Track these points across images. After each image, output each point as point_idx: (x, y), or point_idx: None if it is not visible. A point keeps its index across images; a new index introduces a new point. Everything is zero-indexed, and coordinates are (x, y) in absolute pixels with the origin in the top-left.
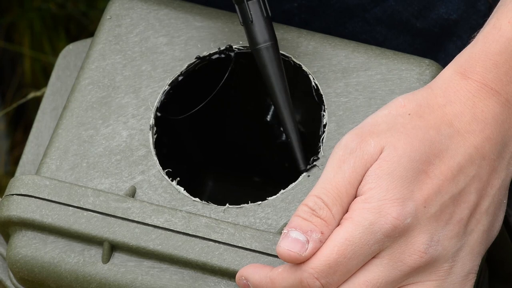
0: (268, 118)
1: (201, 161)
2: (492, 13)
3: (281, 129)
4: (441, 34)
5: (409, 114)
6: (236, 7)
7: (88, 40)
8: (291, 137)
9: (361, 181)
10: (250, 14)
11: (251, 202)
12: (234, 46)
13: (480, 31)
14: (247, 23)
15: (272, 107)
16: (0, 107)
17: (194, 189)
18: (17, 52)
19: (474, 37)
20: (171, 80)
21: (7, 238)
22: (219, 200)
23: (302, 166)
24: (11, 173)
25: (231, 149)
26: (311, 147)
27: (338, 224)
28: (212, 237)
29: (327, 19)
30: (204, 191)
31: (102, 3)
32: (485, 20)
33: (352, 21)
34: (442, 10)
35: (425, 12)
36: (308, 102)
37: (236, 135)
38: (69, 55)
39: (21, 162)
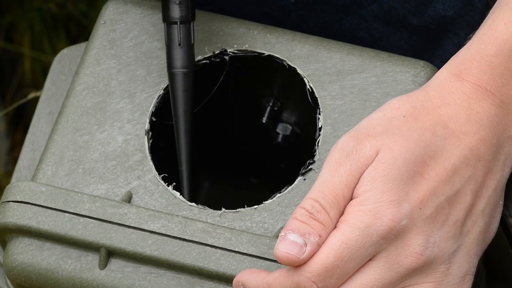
0: (264, 120)
1: (197, 163)
2: (488, 15)
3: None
4: (438, 31)
5: (404, 116)
6: (165, 26)
7: (83, 45)
8: (183, 167)
9: (357, 184)
10: (180, 37)
11: (247, 204)
12: (228, 50)
13: (475, 33)
14: (172, 45)
15: (268, 109)
16: (0, 107)
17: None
18: (17, 52)
19: (469, 38)
20: (166, 85)
21: (3, 245)
22: (215, 202)
23: (186, 197)
24: (11, 173)
25: (227, 151)
26: (306, 150)
27: (335, 227)
28: (209, 242)
29: (324, 15)
30: (201, 193)
31: (102, 3)
32: (482, 18)
33: (349, 17)
34: (439, 6)
35: (422, 8)
36: (303, 105)
37: (232, 137)
38: (64, 60)
39: (17, 168)
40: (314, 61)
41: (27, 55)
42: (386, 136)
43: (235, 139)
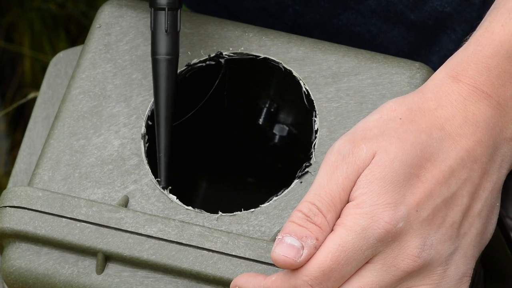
0: (260, 121)
1: (194, 164)
2: (485, 16)
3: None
4: (435, 26)
5: (400, 119)
6: (152, 12)
7: (79, 48)
8: (162, 153)
9: (353, 186)
10: (167, 23)
11: (245, 204)
12: (224, 53)
13: (472, 34)
14: (158, 31)
15: (264, 110)
16: (0, 107)
17: (188, 192)
18: (17, 52)
19: (466, 40)
20: None
21: (1, 250)
22: (212, 203)
23: (163, 184)
24: (10, 173)
25: (224, 152)
26: (303, 150)
27: (332, 230)
28: (206, 246)
29: (321, 10)
30: (198, 194)
31: (102, 3)
32: (479, 14)
33: (346, 13)
34: (436, 2)
35: (420, 4)
36: (300, 106)
37: (228, 139)
38: (59, 63)
39: (13, 172)
40: (310, 63)
41: (27, 55)
42: (383, 138)
43: (232, 141)
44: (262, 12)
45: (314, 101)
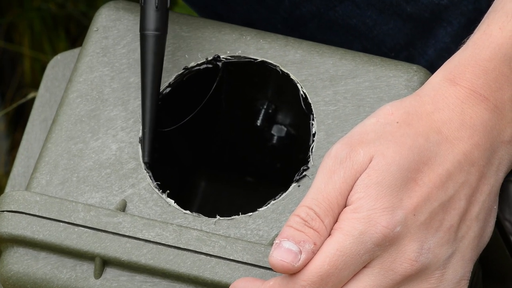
0: (259, 122)
1: (192, 164)
2: (483, 19)
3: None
4: (431, 19)
5: (397, 122)
6: None
7: (77, 50)
8: (147, 128)
9: (351, 191)
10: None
11: (243, 205)
12: (221, 56)
13: (470, 37)
14: (148, 7)
15: (262, 111)
16: (0, 107)
17: (186, 192)
18: (17, 52)
19: (464, 43)
20: None
21: None
22: (211, 203)
23: (145, 159)
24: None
25: (223, 153)
26: (301, 150)
27: (329, 235)
28: (204, 250)
29: (317, 2)
30: (196, 194)
31: (102, 3)
32: (475, 7)
33: (342, 4)
34: None
35: None
36: (297, 108)
37: (227, 141)
38: (57, 66)
39: (11, 175)
40: (307, 66)
41: (27, 55)
42: (380, 142)
43: (231, 142)
44: (258, 3)
45: (311, 104)
